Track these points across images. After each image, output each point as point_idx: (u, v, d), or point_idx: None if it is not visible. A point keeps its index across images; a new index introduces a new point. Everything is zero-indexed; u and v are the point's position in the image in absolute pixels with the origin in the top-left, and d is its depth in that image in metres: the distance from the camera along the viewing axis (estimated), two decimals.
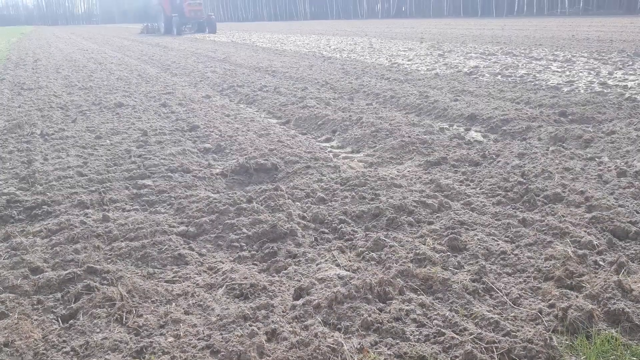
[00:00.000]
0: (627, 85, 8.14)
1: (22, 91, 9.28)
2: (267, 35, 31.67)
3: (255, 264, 2.93)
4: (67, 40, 29.67)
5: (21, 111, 7.34)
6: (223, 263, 2.91)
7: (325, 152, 5.18)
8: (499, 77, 9.74)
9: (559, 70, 10.32)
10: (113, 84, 10.09)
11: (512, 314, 2.34)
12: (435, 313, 2.33)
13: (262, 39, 26.25)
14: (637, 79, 8.74)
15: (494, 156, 4.71)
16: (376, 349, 2.12)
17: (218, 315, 2.38)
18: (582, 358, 2.06)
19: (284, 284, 2.67)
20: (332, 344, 2.09)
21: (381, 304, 2.42)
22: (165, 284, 2.68)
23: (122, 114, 7.08)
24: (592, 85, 8.38)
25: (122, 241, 3.14)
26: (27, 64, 14.71)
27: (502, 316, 2.32)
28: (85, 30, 54.47)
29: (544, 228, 3.13)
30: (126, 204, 3.81)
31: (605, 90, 7.77)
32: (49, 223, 3.43)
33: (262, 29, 45.39)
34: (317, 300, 2.40)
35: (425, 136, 5.38)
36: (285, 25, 56.68)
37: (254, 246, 3.12)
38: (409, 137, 5.35)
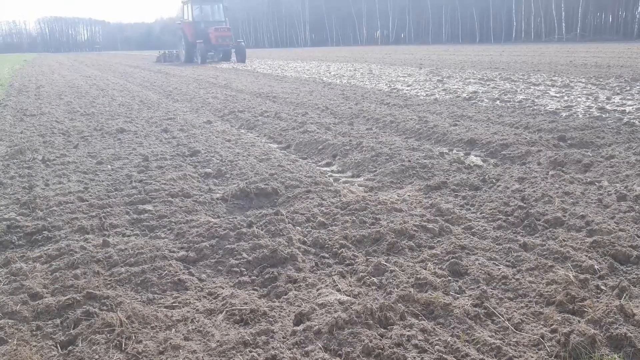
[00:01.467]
0: (625, 110, 8.20)
1: (25, 117, 9.35)
2: (268, 61, 32.10)
3: (256, 289, 2.91)
4: (69, 67, 29.97)
5: (23, 137, 7.38)
6: (223, 288, 2.90)
7: (326, 177, 5.20)
8: (498, 102, 9.82)
9: (558, 95, 10.41)
10: (115, 109, 10.17)
11: (514, 340, 2.32)
12: (437, 339, 2.31)
13: (262, 65, 26.54)
14: (635, 104, 8.80)
15: (494, 180, 4.72)
16: None
17: (218, 341, 2.36)
18: None
19: (284, 309, 2.65)
20: None
21: (382, 330, 2.40)
22: (164, 309, 2.67)
23: (123, 139, 7.12)
24: (591, 110, 8.44)
25: (122, 266, 3.13)
26: (30, 90, 14.84)
27: (504, 341, 2.30)
28: (88, 57, 55.06)
29: (545, 252, 3.12)
30: (126, 229, 3.81)
31: (603, 115, 7.83)
32: (49, 248, 3.42)
33: (262, 55, 45.91)
34: (317, 326, 2.38)
35: (425, 160, 5.40)
36: (286, 52, 57.33)
37: (254, 271, 3.11)
38: (409, 161, 5.37)
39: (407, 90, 12.59)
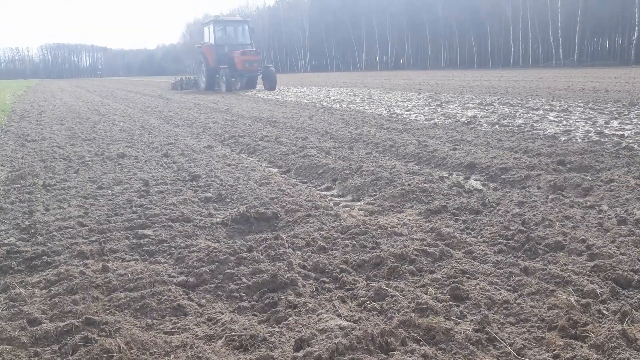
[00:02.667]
0: (623, 135, 8.24)
1: (26, 142, 9.40)
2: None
3: (255, 315, 2.89)
4: (71, 93, 30.20)
5: (24, 162, 7.41)
6: (222, 314, 2.88)
7: (326, 201, 5.20)
8: (497, 126, 9.87)
9: (556, 119, 10.47)
10: (116, 135, 10.22)
11: None
12: None
13: (263, 91, 26.75)
14: (634, 128, 8.85)
15: (494, 204, 4.72)
16: None
17: None
18: None
19: (284, 334, 2.63)
20: None
21: (383, 355, 2.38)
22: (163, 335, 2.64)
23: (124, 164, 7.15)
24: (589, 134, 8.49)
25: (121, 292, 3.11)
26: (32, 115, 14.95)
27: None
28: (89, 83, 55.53)
29: (546, 277, 3.11)
30: (126, 254, 3.80)
31: (602, 140, 7.87)
32: (48, 274, 3.41)
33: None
34: (318, 352, 2.36)
35: (425, 184, 5.41)
36: (286, 77, 57.86)
37: (254, 296, 3.09)
38: (409, 185, 5.38)
39: (406, 114, 12.67)
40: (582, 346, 2.37)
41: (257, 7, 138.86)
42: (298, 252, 3.71)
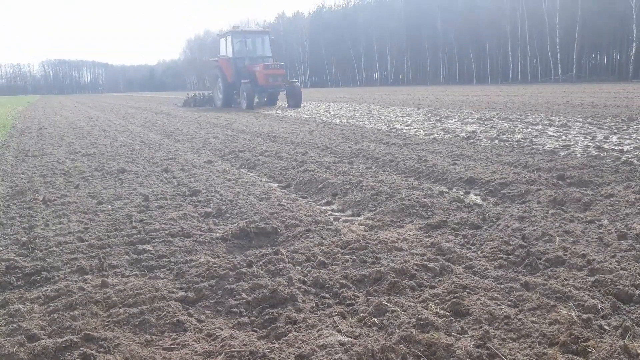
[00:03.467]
0: (622, 149, 8.26)
1: (26, 158, 9.41)
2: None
3: (255, 331, 2.88)
4: (72, 109, 30.32)
5: (24, 177, 7.41)
6: (222, 329, 2.87)
7: (326, 216, 5.20)
8: (496, 141, 9.90)
9: (555, 134, 10.50)
10: (116, 150, 10.25)
11: None
12: None
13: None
14: (633, 143, 8.88)
15: (494, 219, 4.72)
16: None
17: None
18: None
19: (284, 351, 2.61)
20: None
21: None
22: (163, 351, 2.63)
23: (124, 179, 7.15)
24: (589, 149, 8.51)
25: (120, 307, 3.10)
26: (32, 131, 14.99)
27: None
28: (90, 99, 55.78)
29: (547, 292, 3.10)
30: (125, 270, 3.79)
31: (601, 154, 7.88)
32: (47, 289, 3.39)
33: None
34: None
35: (425, 199, 5.41)
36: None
37: (254, 312, 3.08)
38: (409, 200, 5.38)
39: (406, 129, 12.71)
40: None
41: (257, 23, 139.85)
42: (298, 267, 3.70)
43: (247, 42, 26.47)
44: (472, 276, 3.44)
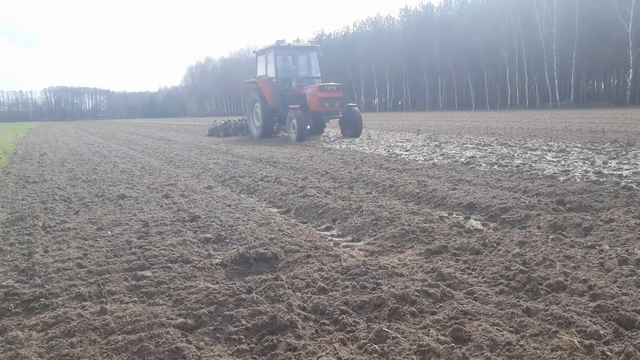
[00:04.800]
0: (622, 174, 8.28)
1: (27, 184, 9.43)
2: None
3: (255, 358, 2.85)
4: (73, 135, 30.48)
5: (24, 204, 7.42)
6: (221, 357, 2.84)
7: (326, 241, 5.18)
8: (496, 166, 9.93)
9: (554, 160, 10.54)
10: (117, 176, 10.27)
11: None
12: None
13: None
14: (632, 168, 8.90)
15: (494, 244, 4.71)
16: None
17: None
18: None
19: None
20: None
21: None
22: None
23: (124, 205, 7.15)
24: (588, 174, 8.53)
25: (118, 334, 3.07)
26: (33, 157, 15.04)
27: None
28: (91, 125, 56.08)
29: (548, 317, 3.08)
30: (124, 296, 3.77)
31: (601, 179, 7.90)
32: (45, 316, 3.37)
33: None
34: None
35: (425, 224, 5.40)
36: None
37: (253, 338, 3.05)
38: (409, 225, 5.37)
39: (405, 155, 12.76)
40: None
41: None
42: (298, 293, 3.68)
43: (292, 60, 21.66)
44: (473, 302, 3.42)
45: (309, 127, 20.24)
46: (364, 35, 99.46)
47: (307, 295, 3.65)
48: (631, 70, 58.44)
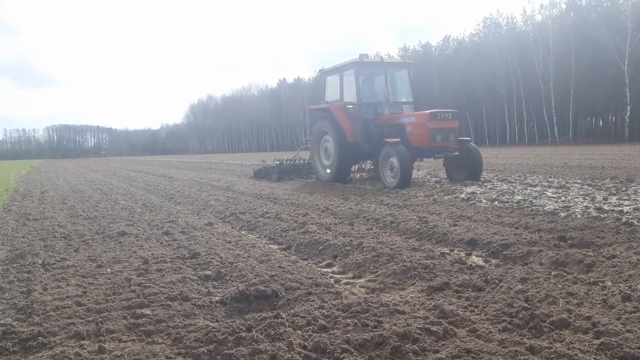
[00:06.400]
0: (622, 210, 8.27)
1: (27, 221, 9.42)
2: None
3: None
4: (75, 173, 30.61)
5: (24, 241, 7.40)
6: None
7: (327, 278, 5.15)
8: (496, 202, 9.93)
9: (555, 196, 10.54)
10: (117, 213, 10.27)
11: None
12: None
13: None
14: (632, 204, 8.90)
15: (496, 281, 4.68)
16: None
17: None
18: None
19: None
20: None
21: None
22: None
23: (124, 242, 7.14)
24: (589, 210, 8.52)
25: None
26: (34, 195, 15.07)
27: None
28: (93, 163, 56.36)
29: (552, 355, 3.04)
30: (123, 334, 3.72)
31: (602, 215, 7.89)
32: (43, 355, 3.33)
33: (265, 158, 46.80)
34: None
35: (426, 261, 5.38)
36: (288, 154, 58.59)
37: None
38: (411, 262, 5.35)
39: (405, 190, 12.77)
40: None
41: (260, 88, 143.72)
42: (298, 331, 3.64)
43: (378, 80, 16.37)
44: (476, 340, 3.38)
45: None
46: None
47: (308, 333, 3.61)
48: (628, 108, 59.01)
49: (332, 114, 15.95)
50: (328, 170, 16.64)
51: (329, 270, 5.69)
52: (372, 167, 16.83)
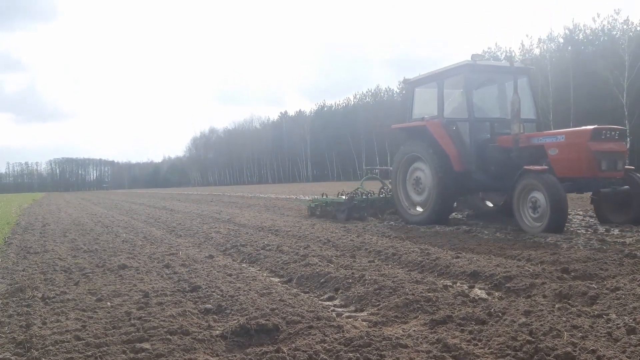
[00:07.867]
0: (625, 242, 8.24)
1: (28, 255, 9.40)
2: (272, 195, 32.80)
3: None
4: (76, 206, 30.64)
5: (25, 275, 7.37)
6: None
7: (328, 311, 5.10)
8: (498, 234, 9.90)
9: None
10: (118, 246, 10.24)
11: None
12: None
13: (266, 200, 27.05)
14: (634, 236, 8.87)
15: (500, 314, 4.63)
16: None
17: None
18: None
19: None
20: None
21: None
22: None
23: (125, 275, 7.10)
24: (591, 242, 8.48)
25: None
26: (36, 228, 15.06)
27: None
28: (95, 196, 56.45)
29: None
30: None
31: (604, 247, 7.86)
32: None
33: (266, 190, 47.00)
34: None
35: (429, 294, 5.34)
36: (289, 187, 58.91)
37: None
38: (413, 294, 5.30)
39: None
40: None
41: (262, 121, 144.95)
42: None
43: (490, 90, 12.64)
44: None
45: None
46: (365, 106, 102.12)
47: None
48: (628, 139, 59.23)
49: (429, 134, 11.78)
50: (419, 209, 12.56)
51: (330, 303, 5.65)
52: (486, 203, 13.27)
